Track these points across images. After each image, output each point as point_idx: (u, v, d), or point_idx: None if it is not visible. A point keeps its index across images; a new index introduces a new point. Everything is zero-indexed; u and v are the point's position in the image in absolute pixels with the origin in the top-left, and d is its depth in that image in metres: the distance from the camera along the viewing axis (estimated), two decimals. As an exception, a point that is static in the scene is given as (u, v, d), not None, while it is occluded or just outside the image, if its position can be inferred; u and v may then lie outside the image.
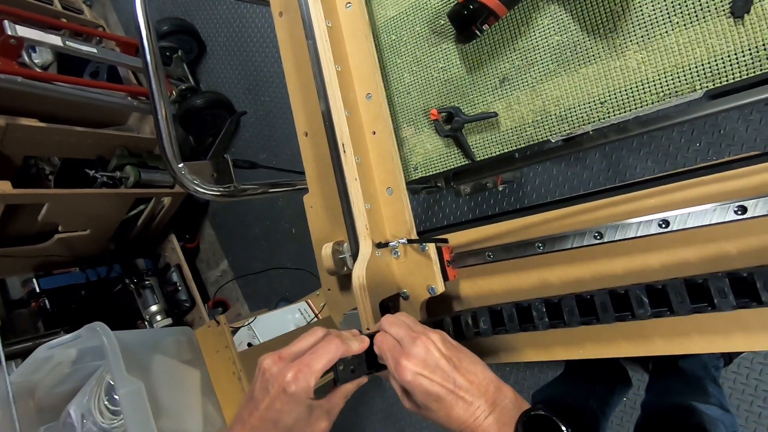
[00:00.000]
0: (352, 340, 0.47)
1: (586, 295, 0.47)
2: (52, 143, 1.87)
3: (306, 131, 0.75)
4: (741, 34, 0.47)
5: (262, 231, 2.21)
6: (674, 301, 0.43)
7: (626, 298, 0.45)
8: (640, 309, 0.44)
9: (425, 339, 0.44)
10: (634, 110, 0.54)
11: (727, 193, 0.48)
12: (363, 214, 0.60)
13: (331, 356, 0.44)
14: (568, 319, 0.48)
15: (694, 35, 0.50)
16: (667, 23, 0.51)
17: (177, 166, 0.74)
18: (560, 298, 0.49)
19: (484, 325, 0.53)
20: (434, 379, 0.42)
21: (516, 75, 0.60)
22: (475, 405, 0.41)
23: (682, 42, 0.50)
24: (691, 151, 1.31)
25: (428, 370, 0.42)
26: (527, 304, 0.51)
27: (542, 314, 0.50)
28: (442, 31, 0.65)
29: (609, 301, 0.46)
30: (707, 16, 0.49)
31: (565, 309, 0.48)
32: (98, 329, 0.99)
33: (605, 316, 0.46)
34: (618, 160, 1.41)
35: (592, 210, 0.56)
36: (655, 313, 0.44)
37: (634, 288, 0.45)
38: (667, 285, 0.43)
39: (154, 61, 0.75)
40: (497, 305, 0.53)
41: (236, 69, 2.23)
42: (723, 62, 0.49)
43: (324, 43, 0.62)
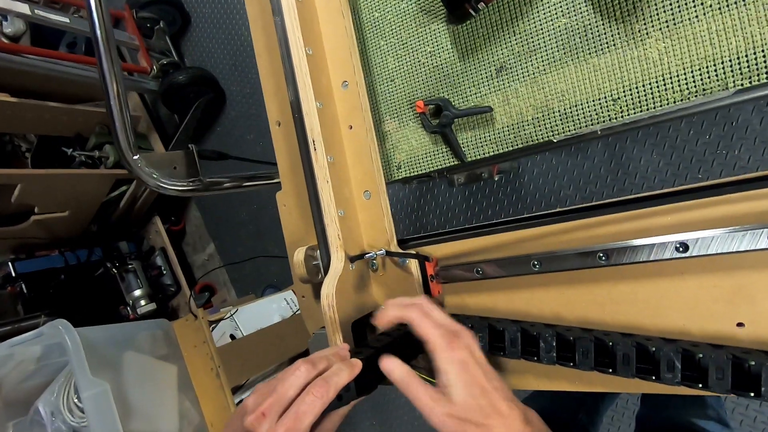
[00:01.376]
0: (341, 372, 0.41)
1: (608, 340, 0.41)
2: (25, 120, 1.77)
3: (278, 121, 0.67)
4: (788, 22, 0.39)
5: (250, 215, 2.13)
6: (712, 376, 0.37)
7: (655, 358, 0.40)
8: (669, 374, 0.38)
9: (472, 333, 0.43)
10: (651, 109, 0.46)
11: (758, 215, 0.41)
12: (335, 222, 0.52)
13: (316, 410, 0.38)
14: (579, 361, 0.42)
15: (731, 22, 0.41)
16: (698, 6, 0.42)
17: (132, 158, 0.66)
18: (577, 337, 0.43)
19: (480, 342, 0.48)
20: (477, 372, 0.40)
21: (515, 63, 0.52)
22: (514, 412, 0.39)
23: (716, 30, 0.42)
24: (699, 144, 1.23)
25: (473, 359, 0.41)
26: (536, 332, 0.45)
27: (551, 347, 0.44)
28: (431, 8, 0.56)
29: (634, 354, 0.40)
30: None
31: (579, 349, 0.42)
32: (60, 328, 0.93)
33: (624, 370, 0.40)
34: (621, 151, 1.33)
35: (594, 226, 0.48)
36: (686, 381, 0.38)
37: (668, 349, 0.38)
38: (708, 356, 0.37)
39: (106, 38, 0.66)
40: (498, 323, 0.48)
41: (222, 43, 2.10)
42: (764, 55, 0.40)
43: (293, 20, 0.53)
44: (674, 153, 1.27)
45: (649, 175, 1.30)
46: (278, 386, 0.39)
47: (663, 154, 1.29)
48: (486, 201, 1.54)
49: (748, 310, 0.42)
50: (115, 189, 2.04)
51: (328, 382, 0.39)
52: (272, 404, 0.39)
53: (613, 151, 1.36)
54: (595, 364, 0.42)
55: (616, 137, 1.34)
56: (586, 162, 1.39)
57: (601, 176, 1.37)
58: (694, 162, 1.24)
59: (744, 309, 0.42)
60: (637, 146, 1.32)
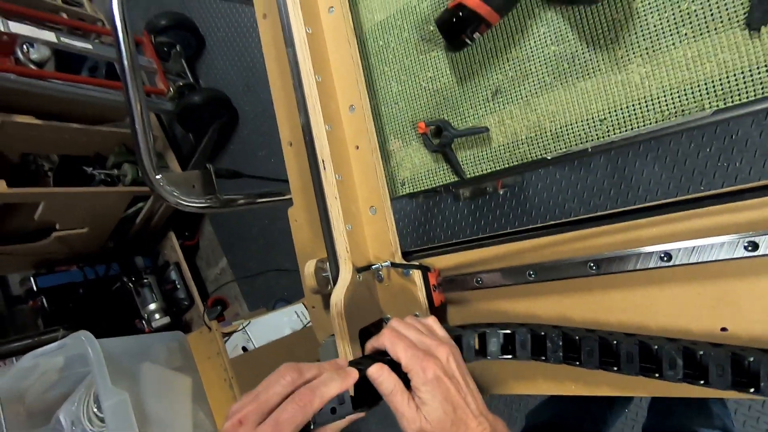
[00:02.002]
0: (329, 383, 0.39)
1: (612, 339, 0.44)
2: (48, 140, 1.86)
3: (290, 141, 0.72)
4: (757, 49, 0.43)
5: (261, 230, 2.18)
6: (713, 373, 0.39)
7: (657, 356, 0.42)
8: (671, 371, 0.40)
9: (447, 348, 0.43)
10: (636, 128, 0.49)
11: (736, 227, 0.43)
12: (343, 236, 0.56)
13: (299, 420, 0.36)
14: (585, 360, 0.45)
15: (705, 49, 0.45)
16: (674, 35, 0.46)
17: (154, 177, 0.71)
18: (582, 337, 0.45)
19: (492, 348, 0.50)
20: (451, 388, 0.41)
21: (509, 87, 0.56)
22: (483, 426, 0.40)
23: (691, 56, 0.45)
24: (700, 157, 1.25)
25: (448, 375, 0.41)
26: (543, 332, 0.47)
27: (557, 347, 0.46)
28: (431, 37, 0.61)
29: (637, 352, 0.42)
30: (720, 28, 0.44)
31: (584, 348, 0.45)
32: (83, 339, 0.97)
33: (628, 367, 0.42)
34: (624, 165, 1.36)
35: (589, 237, 0.51)
36: (688, 378, 0.40)
37: (669, 348, 0.41)
38: (709, 354, 0.39)
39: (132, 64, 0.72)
40: (509, 326, 0.50)
41: (235, 65, 2.19)
42: (736, 79, 0.44)
43: (304, 51, 0.58)
44: (676, 166, 1.29)
45: (651, 188, 1.33)
46: (261, 393, 0.38)
47: (665, 168, 1.31)
48: (491, 215, 1.57)
49: (730, 316, 0.44)
50: (132, 206, 2.11)
51: (313, 392, 0.37)
52: (251, 412, 0.37)
53: (615, 164, 1.38)
54: (600, 363, 0.44)
55: (618, 152, 1.36)
56: (589, 176, 1.42)
57: (605, 190, 1.40)
58: (696, 174, 1.26)
59: (727, 314, 0.44)
60: (639, 160, 1.34)
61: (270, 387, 0.38)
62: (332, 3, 0.62)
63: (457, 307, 0.60)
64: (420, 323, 0.47)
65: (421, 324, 0.47)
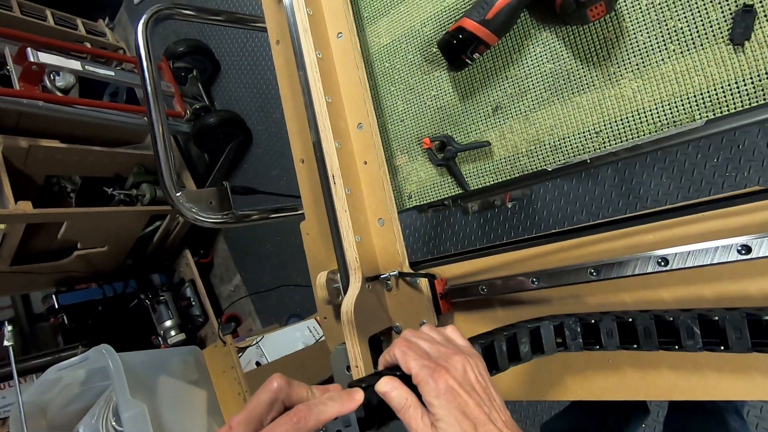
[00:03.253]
0: (329, 401, 0.37)
1: (628, 317, 0.44)
2: (71, 163, 1.94)
3: (302, 158, 0.75)
4: (741, 62, 0.45)
5: (274, 246, 2.22)
6: (731, 336, 0.39)
7: (674, 327, 0.41)
8: (690, 340, 0.40)
9: (463, 357, 0.39)
10: (630, 140, 0.52)
11: (729, 231, 0.45)
12: (353, 246, 0.59)
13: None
14: (605, 342, 0.44)
15: (692, 63, 0.47)
16: (663, 51, 0.49)
17: (175, 195, 0.75)
18: (599, 319, 0.45)
19: (524, 349, 0.47)
20: (469, 401, 0.36)
21: (509, 103, 0.59)
22: None
23: (680, 70, 0.48)
24: (708, 167, 1.26)
25: (464, 389, 0.37)
26: (560, 321, 0.48)
27: (576, 334, 0.46)
28: (434, 59, 0.64)
29: (654, 327, 0.42)
30: (705, 44, 0.46)
31: (603, 330, 0.44)
32: (104, 352, 1.01)
33: (647, 343, 0.42)
34: (631, 176, 1.37)
35: (589, 244, 0.53)
36: (708, 346, 0.40)
37: (685, 317, 0.41)
38: (724, 318, 0.39)
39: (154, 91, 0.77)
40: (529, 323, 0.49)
41: (249, 88, 2.27)
42: (723, 91, 0.46)
43: (314, 74, 0.62)
44: (683, 176, 1.30)
45: (660, 198, 1.33)
46: (250, 402, 0.37)
47: (673, 178, 1.32)
48: (500, 228, 1.58)
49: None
50: (150, 224, 2.17)
51: (310, 410, 0.35)
52: (240, 420, 0.35)
53: (623, 176, 1.39)
54: (621, 343, 0.43)
55: (625, 163, 1.38)
56: (597, 188, 1.43)
57: (613, 201, 1.41)
58: (704, 184, 1.27)
59: (725, 317, 0.45)
60: (646, 171, 1.35)
61: (257, 394, 0.37)
62: (341, 29, 0.66)
63: (464, 314, 0.62)
64: (436, 332, 0.44)
65: (438, 333, 0.44)
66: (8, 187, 1.66)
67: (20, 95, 1.59)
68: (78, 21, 2.51)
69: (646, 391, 0.50)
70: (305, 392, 0.38)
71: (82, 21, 2.53)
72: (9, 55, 1.67)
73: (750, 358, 0.45)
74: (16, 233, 1.71)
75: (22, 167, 1.81)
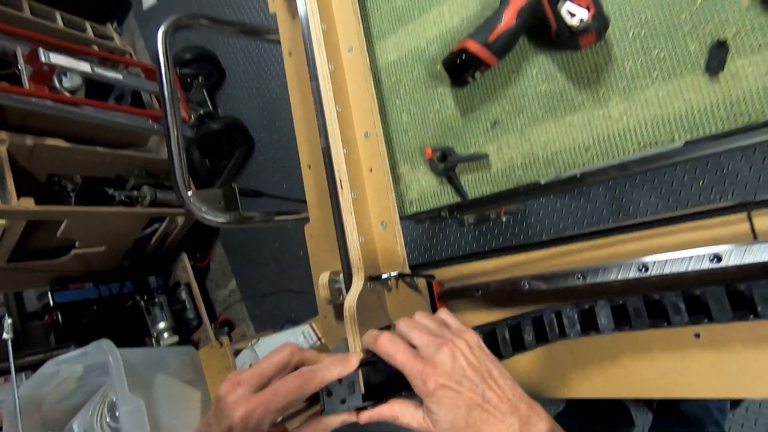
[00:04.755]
0: (329, 367, 0.40)
1: (619, 300, 0.48)
2: (75, 162, 1.96)
3: (309, 164, 0.79)
4: (716, 91, 0.50)
5: (272, 253, 2.25)
6: (714, 309, 0.42)
7: (662, 305, 0.45)
8: (677, 316, 0.44)
9: (452, 346, 0.39)
10: (617, 157, 0.56)
11: (703, 241, 0.50)
12: (357, 247, 0.63)
13: (295, 395, 0.37)
14: (603, 326, 0.47)
15: (673, 89, 0.52)
16: (647, 77, 0.54)
17: (186, 194, 0.79)
18: (593, 304, 0.48)
19: (528, 337, 0.49)
20: (461, 390, 0.36)
21: (506, 119, 0.63)
22: (507, 423, 0.36)
23: (662, 95, 0.53)
24: (694, 189, 1.32)
25: (454, 380, 0.37)
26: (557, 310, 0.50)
27: (574, 321, 0.49)
28: (438, 75, 0.69)
29: (643, 306, 0.46)
30: (684, 73, 0.51)
31: (599, 316, 0.47)
32: (104, 347, 1.03)
33: (639, 323, 0.46)
34: (621, 195, 1.42)
35: (577, 252, 0.57)
36: (692, 319, 0.44)
37: (670, 295, 0.44)
38: (706, 292, 0.43)
39: (171, 96, 0.81)
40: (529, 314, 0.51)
41: (253, 95, 2.32)
42: (700, 116, 0.51)
43: (326, 85, 0.66)
44: (671, 197, 1.35)
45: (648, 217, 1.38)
46: (261, 362, 0.39)
47: (660, 198, 1.37)
48: (495, 240, 1.62)
49: (703, 324, 0.49)
50: (149, 226, 2.19)
51: (314, 372, 0.39)
52: (249, 377, 0.38)
53: (613, 194, 1.45)
54: (615, 325, 0.47)
55: (615, 182, 1.43)
56: (588, 205, 1.48)
57: (603, 218, 1.46)
58: (690, 205, 1.32)
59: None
60: (636, 190, 1.41)
61: (269, 357, 0.40)
62: (352, 44, 0.71)
63: (459, 315, 0.66)
64: (430, 319, 0.45)
65: (431, 319, 0.45)
66: (11, 184, 1.68)
67: (30, 94, 1.63)
68: (87, 24, 2.56)
69: (627, 390, 0.54)
70: (316, 357, 0.41)
71: (91, 24, 2.58)
72: (21, 55, 1.71)
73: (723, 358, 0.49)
74: (16, 230, 1.73)
75: (26, 165, 1.83)
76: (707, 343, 0.50)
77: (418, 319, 0.45)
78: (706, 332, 0.50)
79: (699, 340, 0.50)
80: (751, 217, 0.48)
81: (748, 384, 0.48)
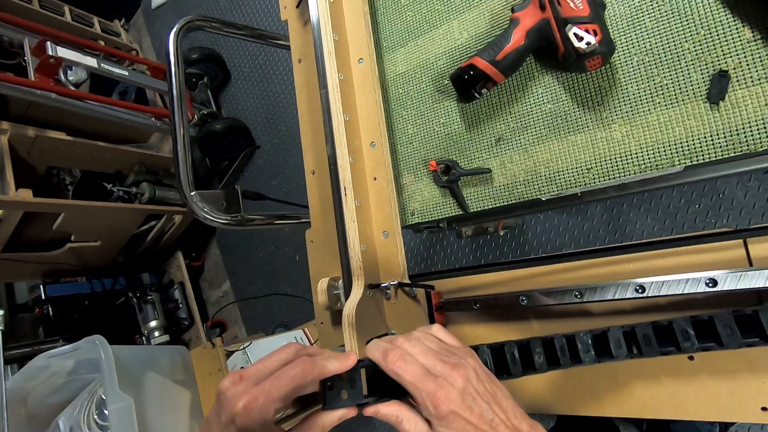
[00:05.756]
0: (329, 359, 0.41)
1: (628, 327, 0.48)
2: (75, 156, 1.96)
3: (313, 170, 0.80)
4: (717, 119, 0.51)
5: (267, 255, 2.24)
6: (723, 334, 0.43)
7: (671, 331, 0.45)
8: (686, 342, 0.44)
9: (462, 371, 0.39)
10: (617, 178, 0.57)
11: (700, 266, 0.51)
12: (358, 254, 0.63)
13: (297, 382, 0.38)
14: (616, 353, 0.47)
15: (674, 115, 0.53)
16: (649, 102, 0.55)
17: (190, 194, 0.79)
18: (605, 331, 0.49)
19: (539, 359, 0.50)
20: (471, 418, 0.37)
21: (510, 136, 0.64)
22: None
23: (663, 120, 0.54)
24: (690, 212, 1.33)
25: (465, 406, 0.37)
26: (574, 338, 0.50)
27: (588, 347, 0.49)
28: (445, 90, 0.70)
29: (652, 333, 0.46)
30: (686, 100, 0.53)
31: (611, 340, 0.48)
32: (97, 342, 1.02)
33: (649, 350, 0.46)
34: (618, 215, 1.44)
35: (575, 269, 0.58)
36: (702, 345, 0.44)
37: (680, 320, 0.45)
38: (714, 317, 0.44)
39: (179, 95, 0.82)
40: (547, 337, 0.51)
41: (257, 98, 2.33)
42: (700, 142, 0.52)
43: (335, 94, 0.67)
44: (667, 219, 1.37)
45: (644, 237, 1.40)
46: (265, 359, 0.40)
47: (657, 220, 1.39)
48: (491, 254, 1.63)
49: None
50: (145, 223, 2.19)
51: (314, 362, 0.39)
52: (253, 372, 0.39)
53: (611, 214, 1.46)
54: (629, 352, 0.47)
55: (613, 202, 1.45)
56: (586, 223, 1.50)
57: (600, 237, 1.47)
58: (686, 228, 1.34)
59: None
60: (633, 211, 1.42)
61: (273, 355, 0.41)
62: (362, 55, 0.72)
63: (456, 327, 0.66)
64: (430, 339, 0.44)
65: (431, 340, 0.44)
66: (11, 174, 1.68)
67: (36, 86, 1.63)
68: (95, 19, 2.58)
69: (620, 409, 0.54)
70: (320, 354, 0.42)
71: (99, 20, 2.60)
72: (27, 47, 1.72)
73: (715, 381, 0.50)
74: (12, 220, 1.72)
75: (26, 156, 1.83)
76: (700, 367, 0.50)
77: (420, 337, 0.44)
78: (699, 355, 0.51)
79: (693, 362, 0.51)
80: (747, 244, 0.49)
81: (737, 408, 0.48)
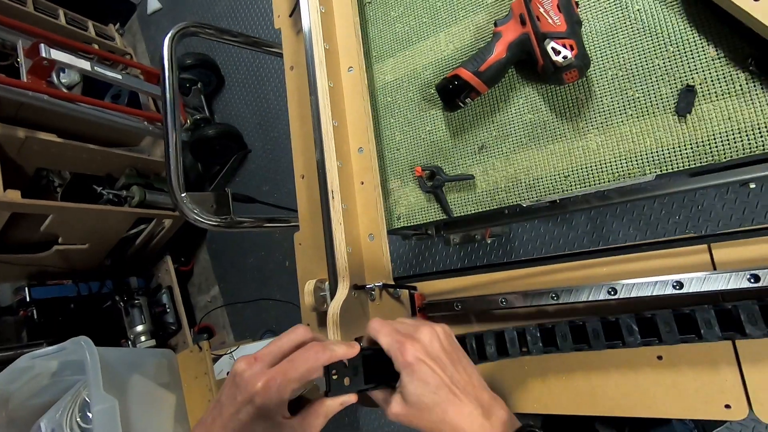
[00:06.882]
0: (337, 344, 0.43)
1: (579, 321, 0.51)
2: (65, 158, 1.96)
3: (303, 174, 0.82)
4: (684, 131, 0.54)
5: (257, 261, 2.25)
6: (662, 330, 0.46)
7: (617, 325, 0.49)
8: (630, 337, 0.47)
9: (430, 328, 0.43)
10: (593, 186, 0.60)
11: (667, 269, 0.53)
12: (344, 256, 0.65)
13: (311, 364, 0.40)
14: (561, 345, 0.51)
15: (645, 127, 0.56)
16: (622, 114, 0.58)
17: (180, 195, 0.80)
18: (555, 324, 0.52)
19: (490, 349, 0.54)
20: (434, 368, 0.40)
21: (493, 144, 0.67)
22: (470, 407, 0.39)
23: (635, 131, 0.57)
24: (670, 223, 1.37)
25: (429, 357, 0.40)
26: (522, 329, 0.54)
27: (536, 338, 0.53)
28: (431, 99, 0.73)
29: (600, 328, 0.49)
30: (656, 112, 0.56)
31: (558, 334, 0.51)
32: (83, 343, 1.02)
33: (596, 343, 0.49)
34: (602, 224, 1.47)
35: (552, 272, 0.60)
36: (645, 342, 0.47)
37: (624, 317, 0.48)
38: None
39: (173, 100, 0.83)
40: (500, 329, 0.55)
41: (250, 104, 2.35)
42: (669, 152, 0.55)
43: (325, 100, 0.70)
44: (648, 229, 1.41)
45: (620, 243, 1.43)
46: (276, 341, 0.42)
47: (639, 230, 1.42)
48: (478, 261, 1.66)
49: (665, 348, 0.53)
50: (135, 227, 2.18)
51: (325, 347, 0.41)
52: (267, 353, 0.40)
53: (595, 224, 1.50)
54: (574, 343, 0.50)
55: (597, 212, 1.49)
56: (570, 232, 1.53)
57: (584, 246, 1.50)
58: (666, 238, 1.38)
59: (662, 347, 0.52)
60: (616, 221, 1.46)
61: (284, 336, 0.43)
62: (352, 64, 0.74)
63: (438, 329, 0.68)
64: (405, 319, 0.49)
65: (406, 319, 0.49)
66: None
67: (28, 88, 1.63)
68: (89, 23, 2.59)
69: (593, 407, 0.56)
70: (324, 340, 0.45)
71: (93, 23, 2.61)
72: (21, 48, 1.72)
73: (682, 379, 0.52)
74: (-1, 221, 1.71)
75: (15, 157, 1.82)
76: (669, 365, 0.53)
77: (399, 319, 0.49)
78: (667, 356, 0.53)
79: (662, 361, 0.53)
80: (711, 249, 0.52)
81: (703, 406, 0.51)
